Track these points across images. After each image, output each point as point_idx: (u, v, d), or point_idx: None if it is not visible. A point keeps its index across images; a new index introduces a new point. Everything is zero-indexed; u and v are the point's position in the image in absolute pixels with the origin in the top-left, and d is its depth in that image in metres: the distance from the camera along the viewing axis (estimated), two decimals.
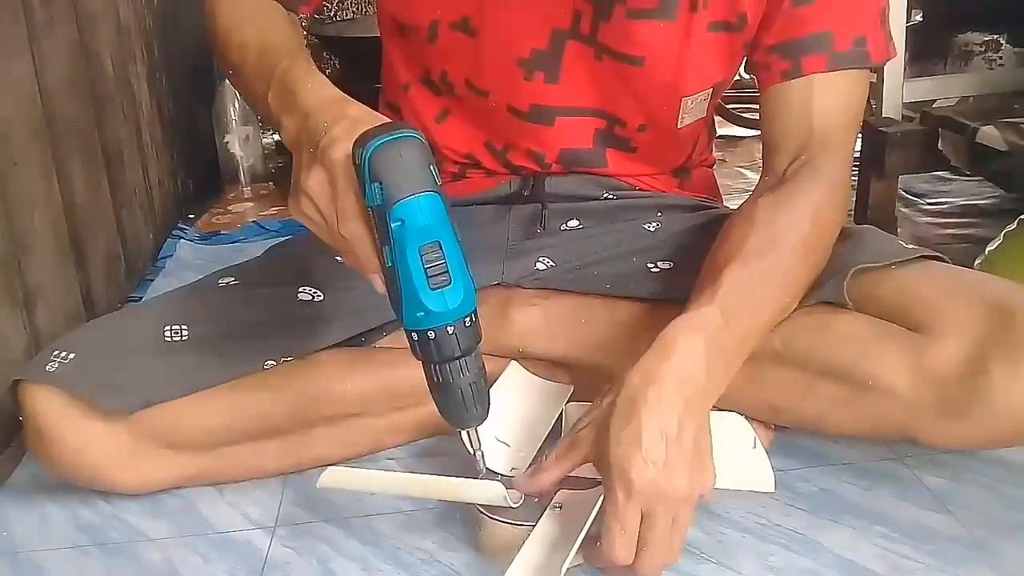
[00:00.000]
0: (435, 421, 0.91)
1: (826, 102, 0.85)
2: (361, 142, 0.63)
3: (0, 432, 1.00)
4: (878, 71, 1.54)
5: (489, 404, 0.71)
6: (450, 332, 0.66)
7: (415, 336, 0.67)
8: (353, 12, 2.38)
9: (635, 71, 0.89)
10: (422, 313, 0.65)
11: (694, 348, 0.71)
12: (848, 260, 0.83)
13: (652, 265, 0.94)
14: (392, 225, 0.63)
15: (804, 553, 0.77)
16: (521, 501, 0.75)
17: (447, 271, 0.65)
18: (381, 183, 0.62)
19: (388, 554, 0.79)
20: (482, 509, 0.76)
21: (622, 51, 0.88)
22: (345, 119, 0.66)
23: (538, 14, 0.88)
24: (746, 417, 0.81)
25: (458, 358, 0.67)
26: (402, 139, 0.63)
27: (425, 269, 0.64)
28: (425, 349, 0.67)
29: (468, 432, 0.73)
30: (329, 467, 0.76)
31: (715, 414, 0.73)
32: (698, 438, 0.69)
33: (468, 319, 0.67)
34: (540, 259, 0.95)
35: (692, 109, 0.93)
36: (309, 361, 0.88)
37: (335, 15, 2.36)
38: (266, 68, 0.75)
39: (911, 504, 0.82)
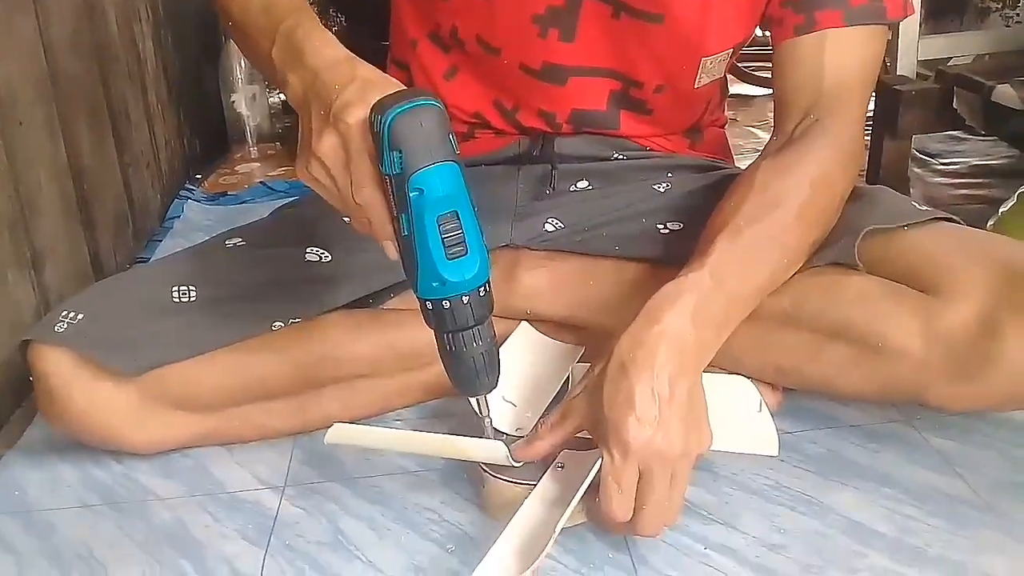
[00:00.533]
0: (442, 383, 0.91)
1: (839, 58, 0.83)
2: (380, 108, 0.62)
3: (11, 393, 1.01)
4: (892, 28, 1.52)
5: (499, 372, 0.71)
6: (464, 302, 0.66)
7: (429, 305, 0.67)
8: None
9: (654, 29, 0.87)
10: (438, 283, 0.65)
11: (682, 311, 0.70)
12: (859, 221, 0.82)
13: (662, 226, 0.93)
14: (411, 194, 0.63)
15: (811, 515, 0.77)
16: (524, 460, 0.76)
17: (464, 241, 0.64)
18: (400, 151, 0.62)
19: (396, 513, 0.80)
20: (485, 467, 0.77)
21: (641, 8, 0.86)
22: (356, 81, 0.65)
23: None
24: (752, 380, 0.81)
25: (471, 327, 0.67)
26: (422, 106, 0.62)
27: (443, 239, 0.64)
28: (439, 318, 0.67)
29: (478, 399, 0.73)
30: (336, 423, 0.76)
31: (720, 376, 0.73)
32: (691, 397, 0.69)
33: (483, 288, 0.67)
34: (549, 220, 0.95)
35: (710, 69, 0.92)
36: (316, 322, 0.88)
37: None
38: (270, 23, 0.73)
39: (919, 466, 0.82)
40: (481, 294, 0.67)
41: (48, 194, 1.15)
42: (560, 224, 0.95)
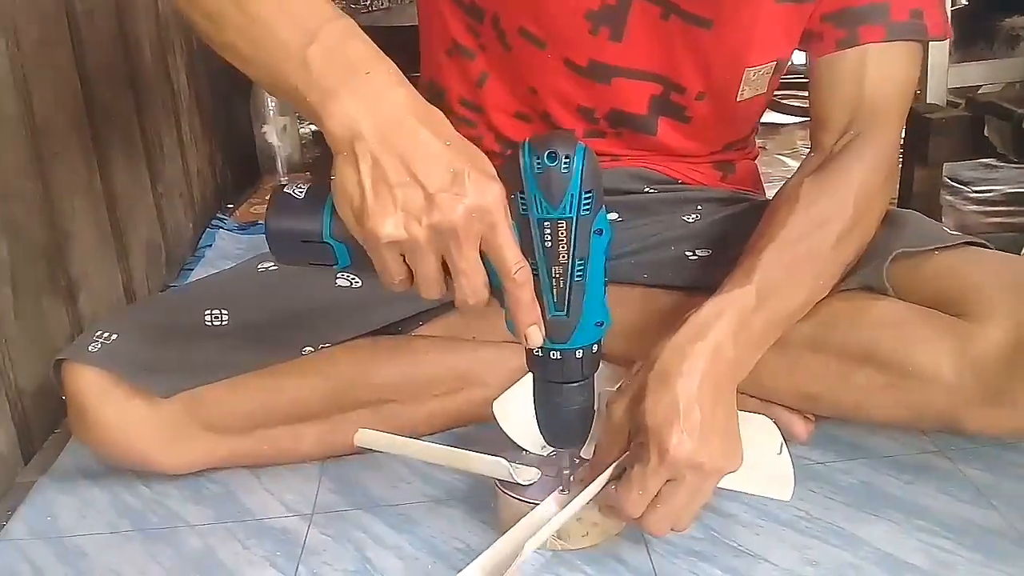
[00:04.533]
0: (469, 409, 0.92)
1: (880, 73, 0.83)
2: (549, 146, 0.59)
3: (44, 420, 1.02)
4: (923, 56, 1.51)
5: (591, 430, 0.71)
6: (592, 351, 0.66)
7: (556, 355, 0.65)
8: (389, 1, 2.39)
9: (702, 33, 0.86)
10: (595, 327, 0.65)
11: (726, 327, 0.70)
12: (889, 244, 0.81)
13: (690, 253, 0.93)
14: (594, 235, 0.62)
15: (843, 547, 0.76)
16: (535, 479, 0.76)
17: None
18: (591, 191, 0.60)
19: (423, 542, 0.79)
20: (499, 484, 0.77)
21: (691, 10, 0.85)
22: (454, 138, 0.60)
23: None
24: (782, 414, 0.81)
25: (584, 380, 0.67)
26: (584, 146, 0.61)
27: (606, 281, 0.64)
28: (556, 367, 0.66)
29: (566, 454, 0.73)
30: (361, 429, 0.78)
31: (744, 415, 0.72)
32: (728, 415, 0.69)
33: (600, 343, 0.67)
34: None
35: (753, 82, 0.91)
36: (346, 347, 0.88)
37: (370, 4, 2.37)
38: (306, 10, 0.61)
39: (953, 498, 0.81)
40: (598, 348, 0.67)
41: (83, 222, 1.17)
42: None
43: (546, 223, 0.61)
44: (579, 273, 0.62)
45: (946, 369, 0.75)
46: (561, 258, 0.62)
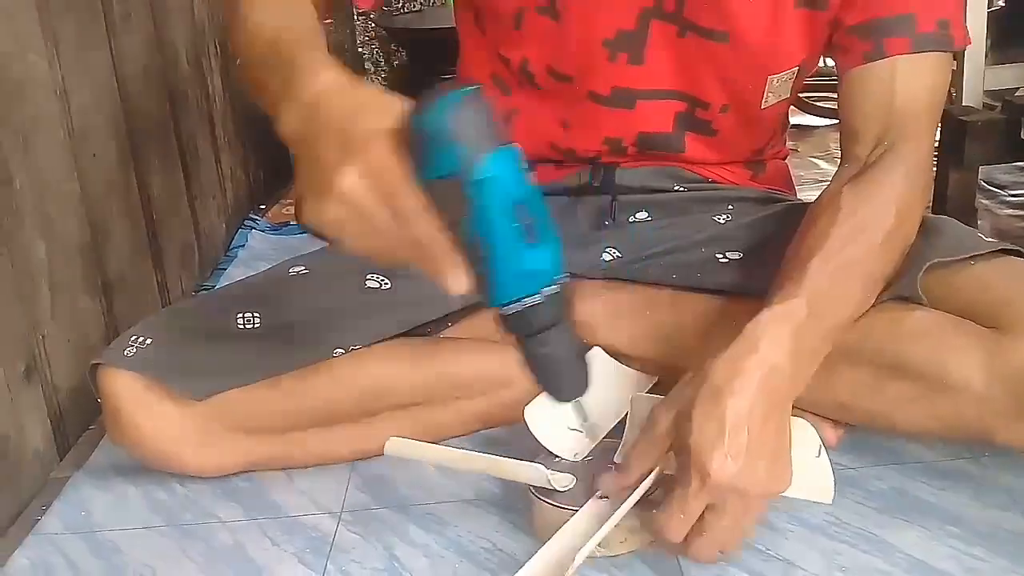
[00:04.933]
0: (498, 412, 0.92)
1: (909, 85, 0.82)
2: (421, 109, 0.57)
3: (79, 416, 1.04)
4: (958, 58, 1.50)
5: (589, 375, 0.68)
6: (546, 294, 0.63)
7: (510, 309, 0.62)
8: (421, 3, 2.40)
9: (720, 47, 0.86)
10: (518, 277, 0.61)
11: (780, 341, 0.69)
12: (924, 254, 0.80)
13: (720, 255, 0.92)
14: (475, 187, 0.57)
15: (874, 553, 0.75)
16: (570, 485, 0.76)
17: (538, 228, 0.60)
18: (458, 144, 0.56)
19: (451, 542, 0.80)
20: (534, 490, 0.77)
21: (707, 26, 0.86)
22: (368, 99, 0.59)
23: None
24: (814, 417, 0.80)
25: (555, 325, 0.64)
26: (469, 94, 0.57)
27: (519, 227, 0.59)
28: (520, 321, 0.63)
29: (573, 404, 0.71)
30: (391, 437, 0.78)
31: None
32: (779, 434, 0.68)
33: (560, 282, 0.63)
34: (607, 250, 0.95)
35: (777, 88, 0.91)
36: (375, 350, 0.89)
37: (403, 6, 2.38)
38: (277, 60, 0.66)
39: (986, 505, 0.80)
40: (559, 289, 0.63)
41: (119, 224, 1.19)
42: (618, 254, 0.95)
43: (429, 185, 0.58)
44: (472, 231, 0.59)
45: (977, 380, 0.74)
46: (452, 216, 0.59)
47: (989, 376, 0.74)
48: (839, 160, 0.89)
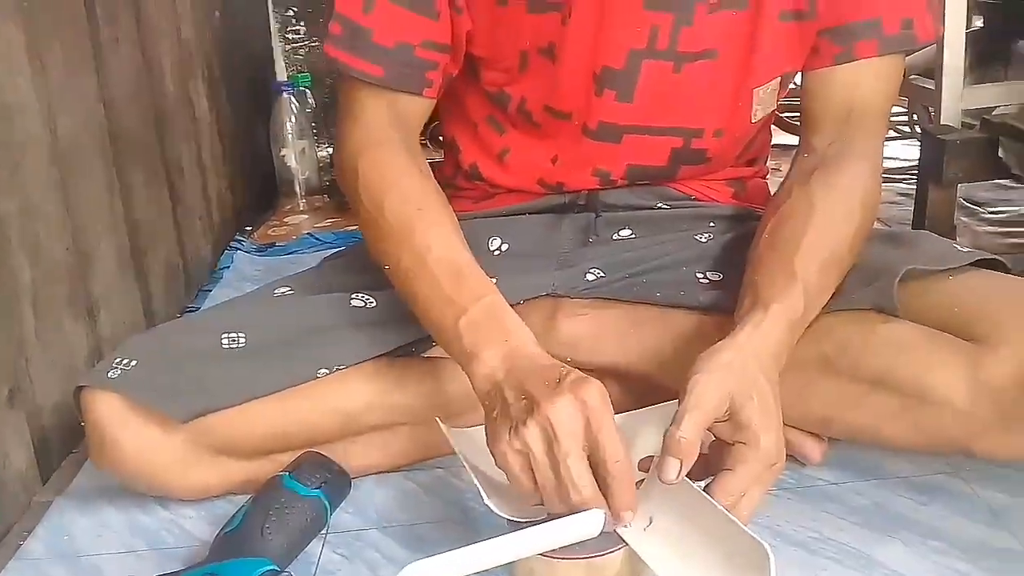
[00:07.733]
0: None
1: (871, 85, 0.88)
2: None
3: (62, 440, 1.04)
4: (936, 77, 1.52)
5: None
6: None
7: None
8: None
9: (708, 65, 0.88)
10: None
11: (781, 333, 0.74)
12: (899, 264, 0.81)
13: (701, 275, 0.93)
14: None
15: (857, 568, 0.75)
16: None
17: None
18: None
19: None
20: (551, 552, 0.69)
21: (698, 50, 0.87)
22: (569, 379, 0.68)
23: (616, 34, 0.87)
24: (794, 433, 0.81)
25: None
26: None
27: None
28: None
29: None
30: (408, 566, 0.64)
31: (743, 529, 0.64)
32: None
33: None
34: (591, 270, 0.95)
35: (764, 100, 0.93)
36: (361, 369, 0.89)
37: None
38: (460, 291, 0.76)
39: (968, 519, 0.80)
40: None
41: (104, 245, 1.19)
42: (601, 273, 0.95)
43: None
44: None
45: (959, 394, 0.75)
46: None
47: (971, 390, 0.75)
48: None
